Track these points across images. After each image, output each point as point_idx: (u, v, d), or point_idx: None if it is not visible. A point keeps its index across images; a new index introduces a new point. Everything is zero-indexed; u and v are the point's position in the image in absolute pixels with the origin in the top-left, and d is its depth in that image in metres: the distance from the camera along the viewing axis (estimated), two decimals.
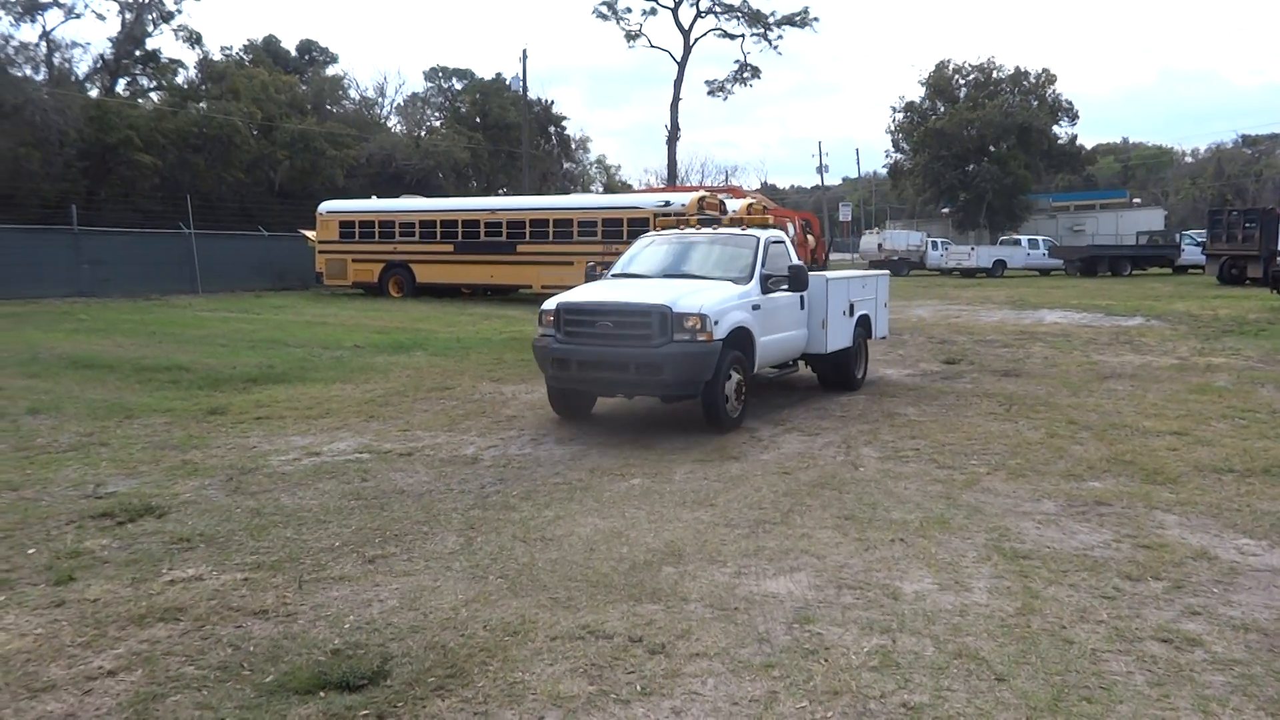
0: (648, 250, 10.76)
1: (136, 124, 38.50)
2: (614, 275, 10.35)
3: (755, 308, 9.49)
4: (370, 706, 3.53)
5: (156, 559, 5.30)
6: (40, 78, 39.70)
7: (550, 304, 9.31)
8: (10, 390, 10.93)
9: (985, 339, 17.25)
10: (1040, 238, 50.01)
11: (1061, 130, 63.14)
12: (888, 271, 13.83)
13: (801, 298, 10.59)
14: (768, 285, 9.86)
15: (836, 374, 11.61)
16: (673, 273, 10.00)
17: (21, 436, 8.55)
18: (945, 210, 64.61)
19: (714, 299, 8.90)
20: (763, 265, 9.92)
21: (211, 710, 3.50)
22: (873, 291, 12.55)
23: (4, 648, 4.06)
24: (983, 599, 4.72)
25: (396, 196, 31.80)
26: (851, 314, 11.65)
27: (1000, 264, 46.32)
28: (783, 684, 3.75)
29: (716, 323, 8.69)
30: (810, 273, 10.69)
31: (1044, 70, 61.87)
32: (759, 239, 10.30)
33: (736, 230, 10.81)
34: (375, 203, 30.13)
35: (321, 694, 3.63)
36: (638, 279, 9.97)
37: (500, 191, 54.64)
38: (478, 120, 59.33)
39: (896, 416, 9.89)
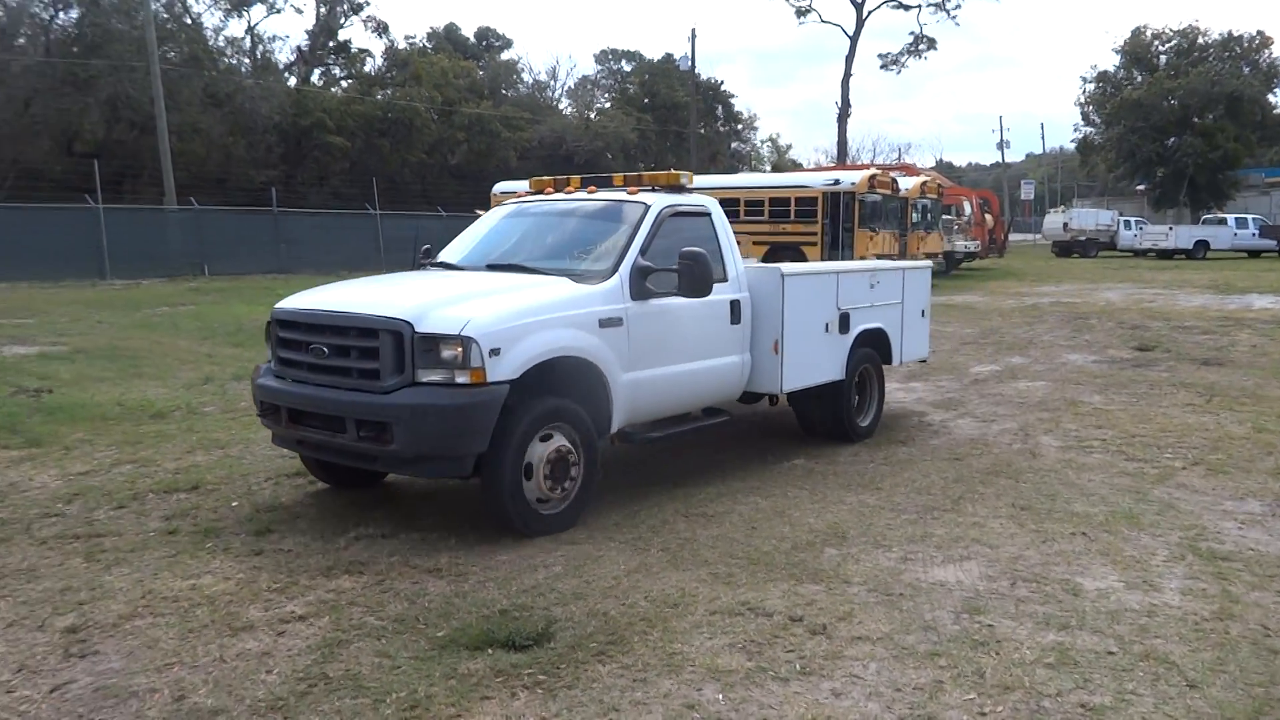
0: (492, 227, 7.13)
1: (329, 109, 41.02)
2: (433, 265, 6.83)
3: (610, 324, 5.66)
4: (534, 666, 3.64)
5: (343, 517, 5.65)
6: (246, 69, 42.87)
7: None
8: (219, 358, 11.93)
9: (1183, 325, 15.98)
10: (1250, 216, 45.81)
11: (1278, 99, 57.61)
12: (928, 263, 9.25)
13: (733, 306, 6.60)
14: (644, 286, 5.90)
15: (821, 417, 7.67)
16: (500, 263, 6.41)
17: (228, 400, 9.30)
18: (1140, 187, 60.23)
19: (500, 310, 5.22)
20: (642, 253, 5.96)
21: (389, 658, 3.71)
22: (893, 292, 8.19)
23: (211, 589, 4.44)
24: (1174, 600, 4.39)
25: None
26: (845, 329, 7.48)
27: (1202, 245, 42.74)
28: (949, 674, 3.61)
29: (496, 352, 5.03)
30: (761, 265, 7.22)
31: (1258, 33, 56.54)
32: (645, 210, 6.25)
33: (618, 197, 6.60)
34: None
35: (489, 651, 3.77)
36: (443, 271, 6.56)
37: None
38: (646, 101, 59.83)
39: (1080, 404, 9.32)
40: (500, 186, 30.68)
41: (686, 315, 6.24)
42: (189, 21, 40.93)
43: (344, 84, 48.33)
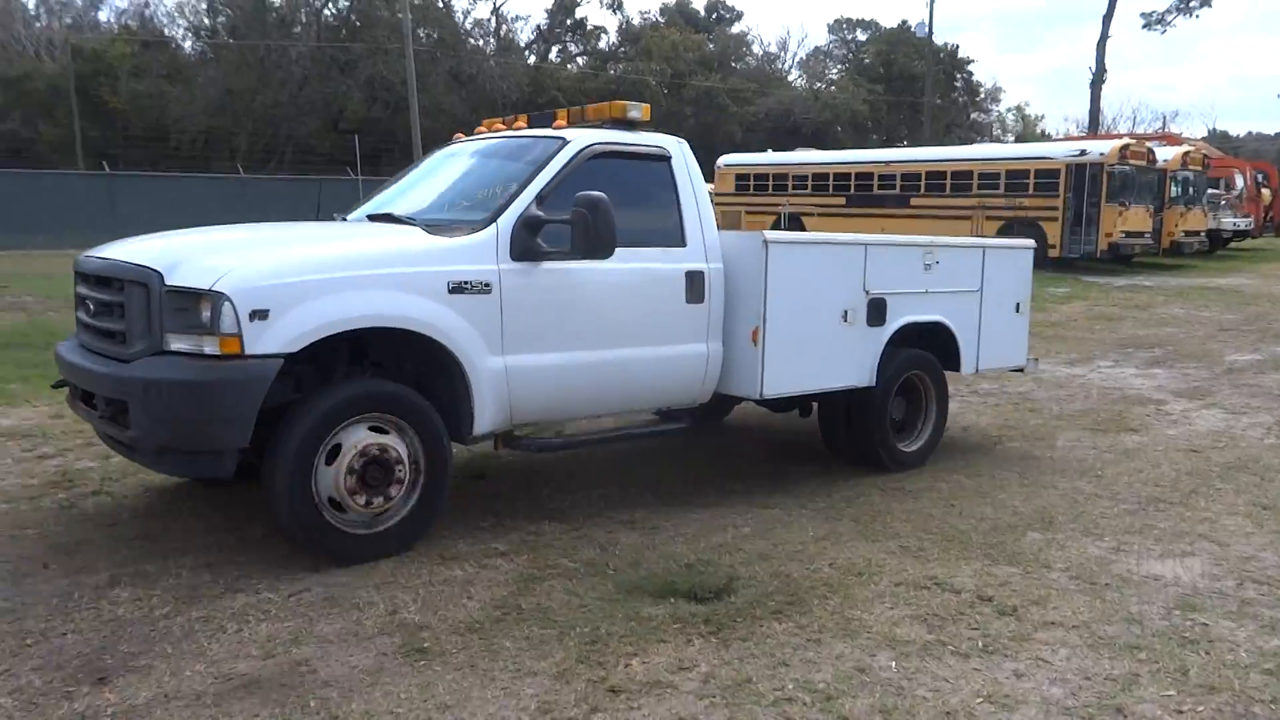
0: (415, 171, 5.92)
1: (563, 85, 42.66)
2: (333, 217, 5.77)
3: (467, 289, 4.36)
4: (712, 618, 3.74)
5: (546, 471, 5.99)
6: (491, 48, 45.31)
7: None
8: None
9: None
10: None
11: None
12: (1028, 242, 6.88)
13: (690, 278, 5.10)
14: (533, 244, 4.56)
15: (847, 434, 5.99)
16: (379, 212, 5.31)
17: None
18: None
19: (277, 261, 4.10)
20: (539, 201, 4.61)
21: (577, 597, 3.94)
22: (965, 277, 6.24)
23: None
24: None
25: (792, 150, 32.17)
26: (877, 319, 5.73)
27: None
28: (1148, 668, 3.39)
29: (263, 315, 3.86)
30: (770, 232, 5.36)
31: None
32: (559, 147, 4.88)
33: (535, 133, 5.35)
34: (770, 156, 30.73)
35: (671, 600, 3.92)
36: (315, 223, 5.60)
37: (900, 144, 53.08)
38: (880, 71, 57.90)
39: None
40: (725, 160, 30.80)
41: (609, 287, 4.84)
42: (440, 5, 43.75)
43: (579, 60, 50.03)
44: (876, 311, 5.74)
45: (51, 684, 3.13)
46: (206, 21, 44.26)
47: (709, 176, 31.75)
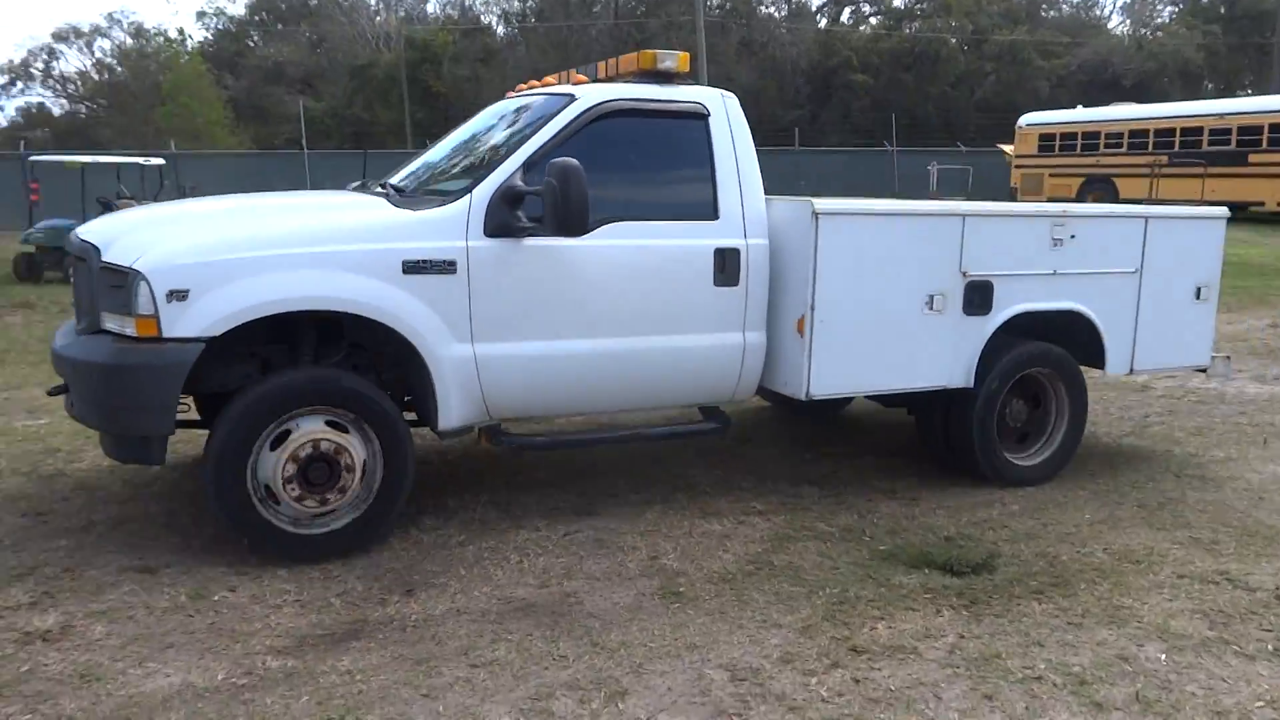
0: (454, 132, 5.24)
1: (855, 47, 41.61)
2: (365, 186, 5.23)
3: (426, 269, 3.92)
4: (966, 593, 3.69)
5: (810, 437, 6.07)
6: (782, 13, 45.04)
7: None
8: None
9: None
10: None
11: None
12: (1220, 211, 5.51)
13: (720, 256, 4.42)
14: (511, 219, 4.04)
15: (945, 438, 5.11)
16: (390, 182, 4.82)
17: None
18: None
19: (201, 238, 3.81)
20: (527, 169, 4.09)
21: (830, 559, 4.02)
22: (1117, 255, 5.12)
23: (694, 479, 5.11)
24: None
25: (1107, 105, 29.40)
26: (979, 306, 4.82)
27: None
28: None
29: (182, 295, 3.61)
30: (822, 200, 4.46)
31: None
32: (564, 105, 4.32)
33: (550, 89, 4.75)
34: (1079, 113, 28.24)
35: (925, 570, 3.89)
36: (331, 193, 5.03)
37: (1241, 94, 46.77)
38: (1221, 10, 51.12)
39: None
40: (1028, 119, 28.74)
41: (609, 266, 4.25)
42: None
43: (872, 21, 48.47)
44: (978, 297, 4.81)
45: (370, 591, 3.70)
46: (516, 5, 47.56)
47: (1008, 137, 29.93)
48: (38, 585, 3.67)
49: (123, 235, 3.88)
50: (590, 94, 4.36)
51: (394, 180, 4.80)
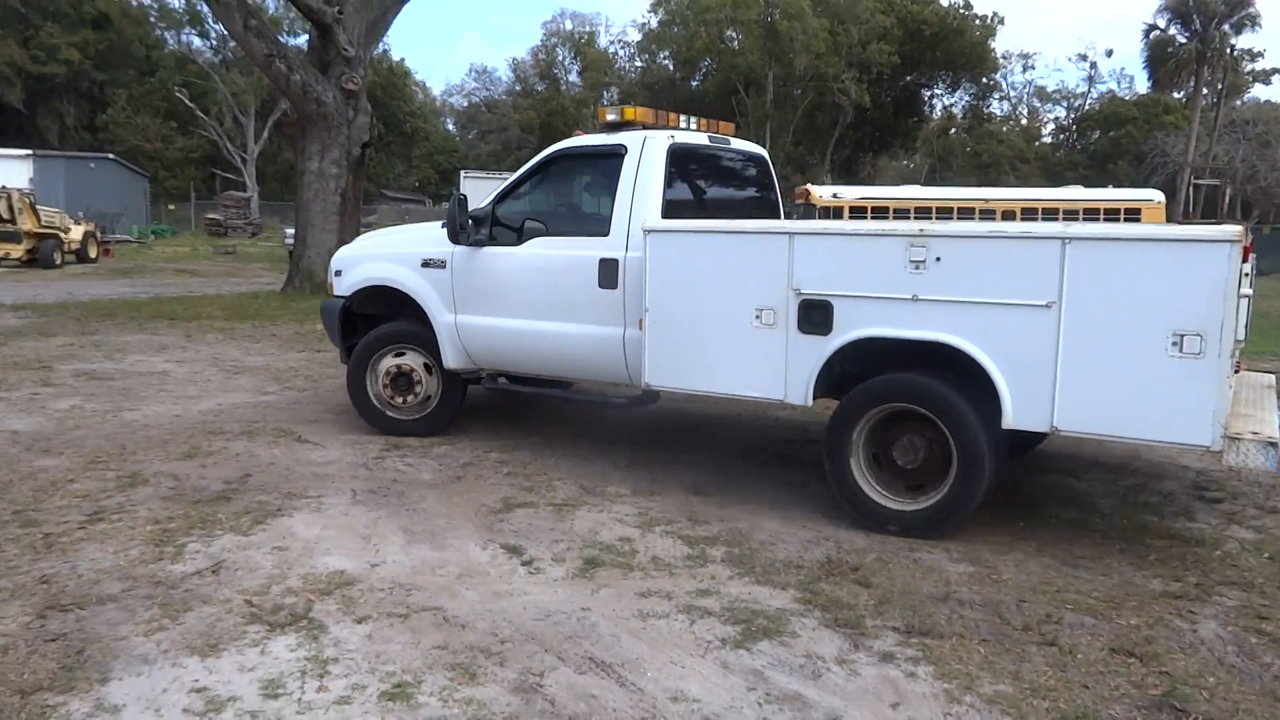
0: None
1: None
2: None
3: (431, 265, 6.55)
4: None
5: None
6: None
7: None
8: None
9: None
10: None
11: None
12: (1225, 232, 4.07)
13: (604, 265, 5.70)
14: (469, 234, 6.22)
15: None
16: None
17: None
18: None
19: (359, 244, 7.49)
20: (500, 199, 6.25)
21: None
22: (1015, 282, 4.42)
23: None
24: None
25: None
26: (814, 326, 4.92)
27: None
28: None
29: (340, 274, 7.07)
30: (654, 219, 5.60)
31: None
32: (546, 153, 6.34)
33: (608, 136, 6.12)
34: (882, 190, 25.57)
35: None
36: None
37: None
38: None
39: None
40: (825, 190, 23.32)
41: (525, 269, 6.12)
42: None
43: None
44: (815, 316, 4.85)
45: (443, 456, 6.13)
46: None
47: None
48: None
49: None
50: (563, 145, 6.28)
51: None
